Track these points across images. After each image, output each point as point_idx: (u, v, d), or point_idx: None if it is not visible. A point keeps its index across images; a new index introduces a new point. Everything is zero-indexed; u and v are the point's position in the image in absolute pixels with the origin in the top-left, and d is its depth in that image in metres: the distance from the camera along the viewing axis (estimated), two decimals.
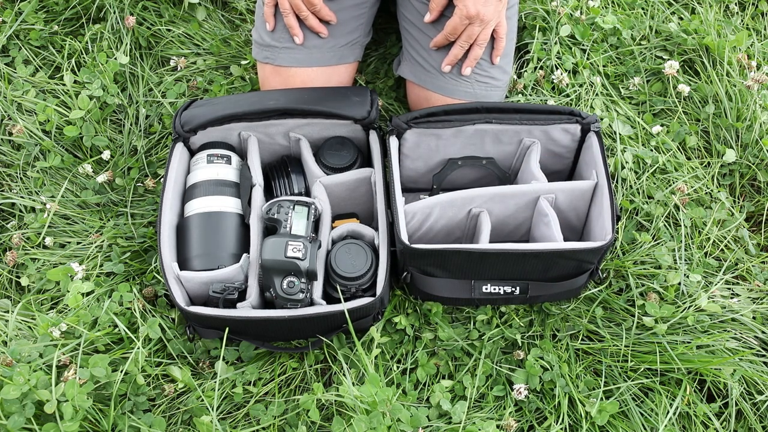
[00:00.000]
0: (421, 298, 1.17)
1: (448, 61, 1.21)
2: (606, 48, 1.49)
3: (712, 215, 1.27)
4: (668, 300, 1.17)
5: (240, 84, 1.45)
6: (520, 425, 1.09)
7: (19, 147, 1.34)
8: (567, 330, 1.17)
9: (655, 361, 1.11)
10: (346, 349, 1.14)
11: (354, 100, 1.19)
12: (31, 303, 1.15)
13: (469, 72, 1.22)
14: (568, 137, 1.18)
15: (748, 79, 1.39)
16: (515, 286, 1.11)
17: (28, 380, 0.93)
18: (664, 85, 1.45)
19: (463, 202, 1.12)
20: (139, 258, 1.23)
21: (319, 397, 1.05)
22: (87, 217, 1.27)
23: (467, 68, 1.22)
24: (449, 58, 1.21)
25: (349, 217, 1.22)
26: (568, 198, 1.14)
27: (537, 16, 1.49)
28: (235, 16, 1.57)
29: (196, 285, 1.06)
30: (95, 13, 1.51)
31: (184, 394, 1.10)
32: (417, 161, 1.22)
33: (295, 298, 1.03)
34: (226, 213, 1.11)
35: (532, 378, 1.11)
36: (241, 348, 1.13)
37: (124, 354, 1.07)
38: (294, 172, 1.21)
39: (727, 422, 1.09)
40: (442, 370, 1.14)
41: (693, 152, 1.39)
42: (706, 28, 1.48)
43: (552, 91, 1.42)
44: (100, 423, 0.99)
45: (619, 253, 1.24)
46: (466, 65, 1.22)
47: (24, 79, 1.41)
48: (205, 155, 1.17)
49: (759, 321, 1.16)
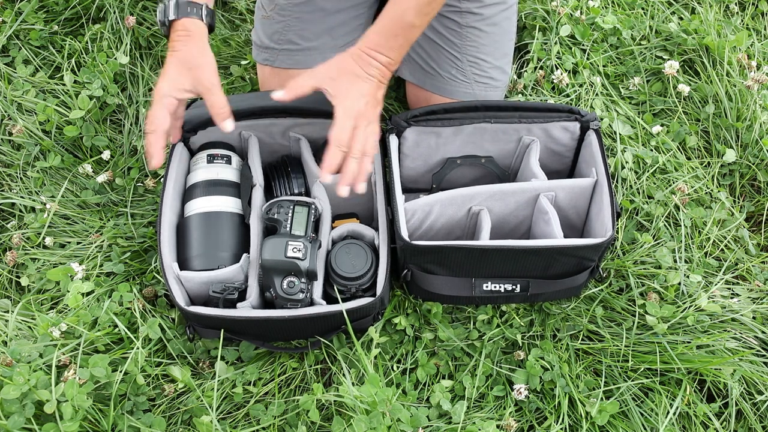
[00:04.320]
0: (422, 297, 1.17)
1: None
2: (606, 48, 1.49)
3: (712, 215, 1.27)
4: (668, 300, 1.17)
5: (240, 84, 1.45)
6: (520, 425, 1.09)
7: (19, 147, 1.34)
8: (567, 330, 1.17)
9: (655, 361, 1.10)
10: (346, 349, 1.13)
11: None
12: (31, 303, 1.15)
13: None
14: (567, 135, 1.18)
15: (748, 79, 1.39)
16: (516, 283, 1.11)
17: (28, 380, 0.93)
18: (664, 85, 1.45)
19: (463, 200, 1.12)
20: (139, 258, 1.23)
21: (319, 397, 1.05)
22: (87, 217, 1.27)
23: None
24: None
25: (349, 217, 1.22)
26: (568, 195, 1.14)
27: (537, 16, 1.50)
28: (235, 16, 1.57)
29: (196, 285, 1.06)
30: (95, 13, 1.51)
31: (184, 394, 1.10)
32: (417, 160, 1.22)
33: (295, 298, 1.03)
34: (226, 213, 1.11)
35: (532, 378, 1.11)
36: (241, 348, 1.13)
37: (124, 354, 1.07)
38: (294, 172, 1.21)
39: (727, 422, 1.09)
40: (442, 370, 1.14)
41: (693, 152, 1.39)
42: (706, 28, 1.48)
43: (552, 91, 1.42)
44: (100, 423, 0.99)
45: (620, 253, 1.24)
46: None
47: (24, 79, 1.41)
48: (205, 155, 1.17)
49: (759, 321, 1.16)
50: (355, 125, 0.99)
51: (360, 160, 0.99)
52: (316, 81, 1.01)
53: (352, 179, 0.99)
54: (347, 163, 0.99)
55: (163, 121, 1.00)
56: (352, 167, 0.99)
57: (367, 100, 1.00)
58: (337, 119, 0.98)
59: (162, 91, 1.01)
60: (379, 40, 1.01)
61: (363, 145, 0.99)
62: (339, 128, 0.98)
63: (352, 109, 0.99)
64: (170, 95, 1.01)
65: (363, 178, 1.00)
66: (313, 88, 1.01)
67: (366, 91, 1.01)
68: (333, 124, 0.98)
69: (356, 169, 0.99)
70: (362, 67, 1.01)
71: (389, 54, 1.02)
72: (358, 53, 1.02)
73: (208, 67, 1.01)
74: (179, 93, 1.02)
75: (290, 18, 1.25)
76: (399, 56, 1.04)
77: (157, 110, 1.00)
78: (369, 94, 1.01)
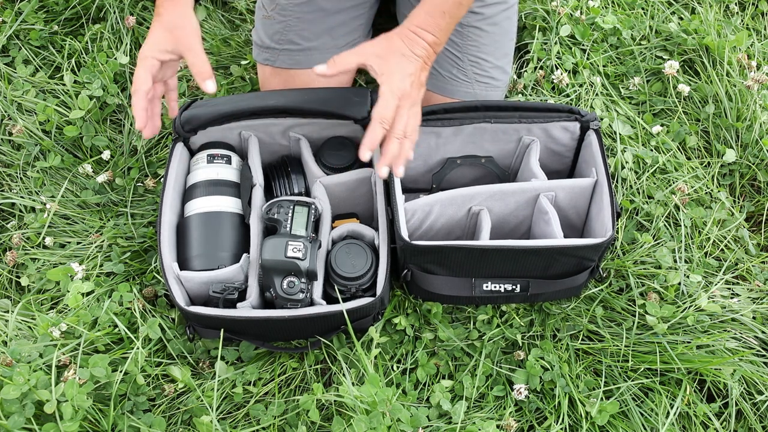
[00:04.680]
0: (422, 297, 1.17)
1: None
2: (606, 48, 1.49)
3: (712, 215, 1.27)
4: (668, 300, 1.17)
5: (240, 84, 1.45)
6: (520, 425, 1.09)
7: (19, 147, 1.34)
8: (567, 330, 1.17)
9: (655, 361, 1.10)
10: (346, 349, 1.13)
11: (354, 100, 1.19)
12: (31, 303, 1.15)
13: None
14: (567, 135, 1.18)
15: (748, 79, 1.39)
16: (516, 283, 1.11)
17: (28, 380, 0.93)
18: (664, 85, 1.45)
19: (463, 199, 1.12)
20: (139, 258, 1.23)
21: (319, 398, 1.05)
22: (87, 217, 1.27)
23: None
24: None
25: (349, 217, 1.22)
26: (568, 195, 1.14)
27: (537, 16, 1.50)
28: (235, 16, 1.57)
29: (196, 285, 1.06)
30: (95, 13, 1.51)
31: (184, 394, 1.10)
32: (416, 160, 1.22)
33: (295, 298, 1.03)
34: (226, 213, 1.11)
35: (532, 378, 1.11)
36: (241, 348, 1.13)
37: (124, 354, 1.07)
38: (294, 172, 1.21)
39: (727, 422, 1.09)
40: (442, 370, 1.14)
41: (693, 152, 1.39)
42: (706, 28, 1.48)
43: (552, 91, 1.42)
44: (100, 423, 0.99)
45: (620, 253, 1.24)
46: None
47: (24, 79, 1.41)
48: (205, 155, 1.17)
49: (759, 321, 1.16)
50: (399, 105, 0.98)
51: (401, 141, 0.99)
52: (362, 58, 1.02)
53: (392, 160, 0.99)
54: (388, 143, 0.99)
55: (144, 81, 1.02)
56: (393, 148, 0.99)
57: (412, 81, 1.00)
58: (382, 96, 0.98)
59: (144, 53, 1.03)
60: (426, 19, 1.01)
61: (405, 125, 0.99)
62: (383, 105, 0.97)
63: (398, 89, 0.98)
64: (151, 56, 1.03)
65: (402, 161, 1.00)
66: (358, 64, 1.02)
67: (412, 70, 1.00)
68: (378, 102, 0.98)
69: (397, 150, 0.99)
70: (409, 47, 1.01)
71: (436, 33, 1.02)
72: (406, 32, 1.02)
73: (188, 29, 1.03)
74: (160, 54, 1.03)
75: (291, 18, 1.25)
76: (445, 36, 1.04)
77: (139, 71, 1.03)
78: (414, 74, 1.01)
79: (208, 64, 1.02)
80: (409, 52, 1.01)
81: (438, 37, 1.02)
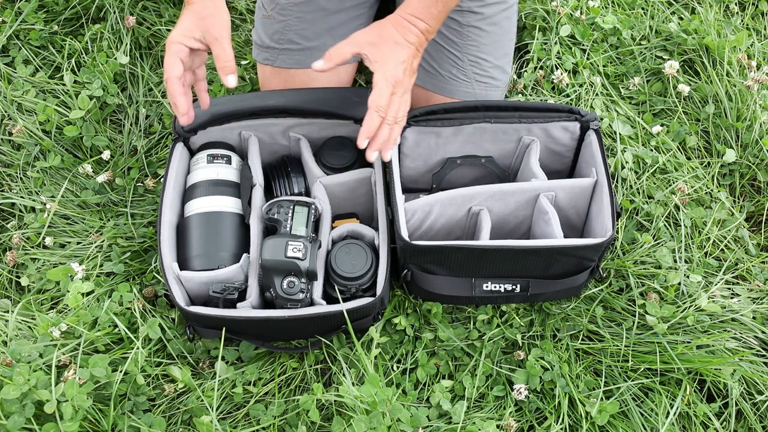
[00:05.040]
0: (422, 297, 1.17)
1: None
2: (606, 48, 1.49)
3: (712, 215, 1.27)
4: (668, 300, 1.17)
5: (240, 84, 1.45)
6: (520, 425, 1.09)
7: (19, 147, 1.34)
8: (567, 330, 1.17)
9: (655, 361, 1.10)
10: (346, 349, 1.13)
11: (354, 100, 1.19)
12: (31, 303, 1.15)
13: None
14: (567, 135, 1.18)
15: (748, 79, 1.39)
16: (516, 283, 1.11)
17: (28, 380, 0.93)
18: (664, 85, 1.45)
19: (463, 199, 1.12)
20: (139, 258, 1.23)
21: (319, 397, 1.05)
22: (87, 217, 1.27)
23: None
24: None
25: (349, 217, 1.22)
26: (568, 195, 1.14)
27: (537, 16, 1.50)
28: (235, 16, 1.57)
29: (196, 285, 1.06)
30: (95, 13, 1.51)
31: (184, 394, 1.10)
32: (417, 160, 1.22)
33: (295, 298, 1.03)
34: (226, 213, 1.11)
35: (532, 378, 1.11)
36: (241, 348, 1.13)
37: (124, 354, 1.07)
38: (294, 172, 1.21)
39: (727, 422, 1.09)
40: (442, 370, 1.14)
41: (693, 152, 1.39)
42: (706, 28, 1.48)
43: (552, 91, 1.42)
44: (100, 423, 0.99)
45: (620, 253, 1.24)
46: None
47: (24, 79, 1.41)
48: (205, 155, 1.17)
49: (759, 321, 1.16)
50: (392, 92, 1.01)
51: (392, 127, 1.02)
52: (356, 47, 1.02)
53: (382, 145, 1.02)
54: (380, 128, 1.01)
55: (174, 67, 1.01)
56: (384, 133, 1.02)
57: (405, 68, 1.02)
58: (377, 84, 1.00)
59: (172, 38, 1.02)
60: (419, 7, 1.03)
61: (396, 111, 1.02)
62: (378, 93, 1.00)
63: (391, 76, 1.00)
64: (180, 42, 1.02)
65: (391, 146, 1.04)
66: (353, 54, 1.03)
67: (404, 57, 1.02)
68: (373, 90, 1.00)
69: (387, 135, 1.02)
70: (401, 34, 1.02)
71: (429, 21, 1.03)
72: (398, 19, 1.03)
73: (219, 19, 1.02)
74: (188, 41, 1.02)
75: (291, 17, 1.25)
76: (437, 24, 1.05)
77: (168, 58, 1.02)
78: (407, 61, 1.02)
79: (233, 58, 1.03)
80: (402, 39, 1.02)
81: (430, 25, 1.04)
